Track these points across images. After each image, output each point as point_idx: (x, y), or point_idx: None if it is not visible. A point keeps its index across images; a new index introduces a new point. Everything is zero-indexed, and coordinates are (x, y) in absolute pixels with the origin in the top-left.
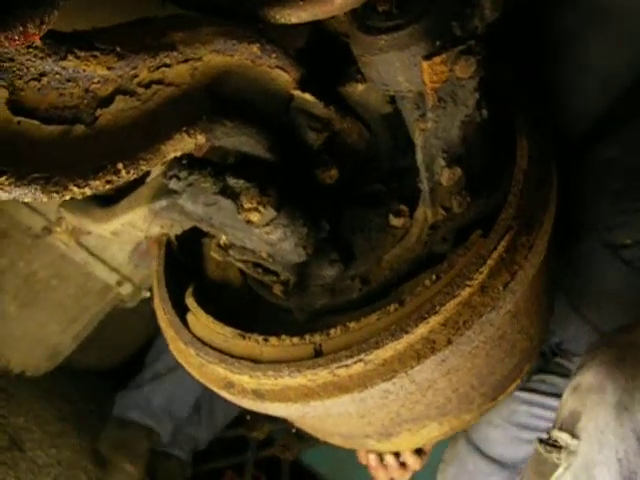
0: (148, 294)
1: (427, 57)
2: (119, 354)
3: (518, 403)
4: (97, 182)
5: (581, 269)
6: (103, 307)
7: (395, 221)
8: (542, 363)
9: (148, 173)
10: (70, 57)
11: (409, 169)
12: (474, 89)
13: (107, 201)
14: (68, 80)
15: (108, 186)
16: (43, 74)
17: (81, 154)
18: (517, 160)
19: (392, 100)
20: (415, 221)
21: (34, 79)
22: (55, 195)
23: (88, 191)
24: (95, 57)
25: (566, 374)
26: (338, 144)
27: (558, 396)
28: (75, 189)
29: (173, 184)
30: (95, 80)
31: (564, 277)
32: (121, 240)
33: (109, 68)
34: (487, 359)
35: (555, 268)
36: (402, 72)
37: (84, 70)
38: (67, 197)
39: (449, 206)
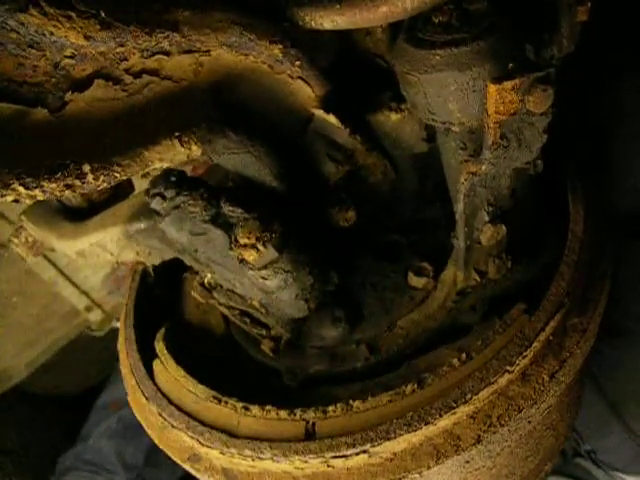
0: (119, 324)
1: (496, 80)
2: (80, 384)
3: None
4: (53, 185)
5: (625, 367)
6: (67, 333)
7: (415, 281)
8: (560, 463)
9: (132, 188)
10: (33, 10)
11: (433, 221)
12: (544, 130)
13: (78, 216)
14: (30, 45)
15: (67, 192)
16: None
17: (37, 146)
18: (571, 226)
19: (428, 138)
20: (441, 283)
21: None
22: None
23: (39, 195)
24: (69, 18)
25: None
26: (358, 182)
27: None
28: (21, 189)
29: (156, 204)
30: (68, 52)
31: (600, 374)
32: (89, 263)
33: (87, 38)
34: (510, 458)
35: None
36: (456, 98)
37: (52, 34)
38: (9, 199)
39: (484, 270)
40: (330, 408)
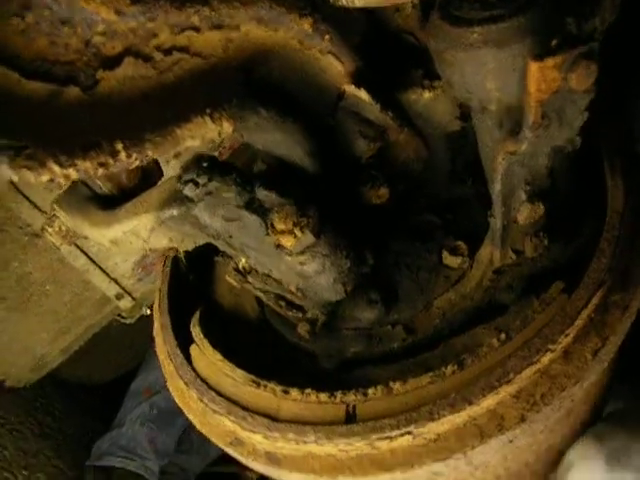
0: (149, 312)
1: (538, 58)
2: (113, 370)
3: None
4: (87, 163)
5: None
6: (99, 320)
7: (450, 260)
8: None
9: (161, 174)
10: None
11: (466, 200)
12: (585, 107)
13: (110, 203)
14: (63, 22)
15: (102, 170)
16: (27, 6)
17: (70, 124)
18: (610, 202)
19: (462, 116)
20: (477, 262)
21: (16, 14)
22: (27, 173)
23: (73, 174)
24: None
25: None
26: (390, 159)
27: None
28: (56, 168)
29: (188, 190)
30: (99, 29)
31: None
32: (122, 251)
33: (118, 13)
34: (550, 434)
35: None
36: (495, 76)
37: (83, 9)
38: (44, 178)
39: (521, 249)
40: (370, 390)
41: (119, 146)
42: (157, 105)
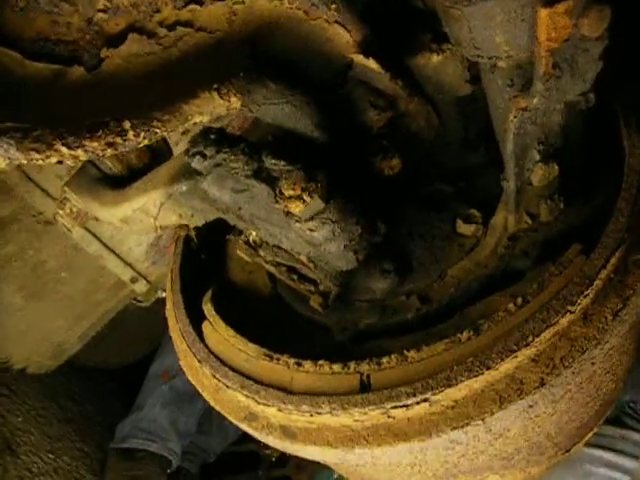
0: (164, 294)
1: (548, 4)
2: (131, 354)
3: (596, 464)
4: (95, 144)
5: None
6: (115, 305)
7: (464, 228)
8: (617, 413)
9: (170, 154)
10: None
11: (479, 168)
12: (599, 56)
13: (119, 183)
14: (63, 0)
15: (110, 151)
16: None
17: (76, 105)
18: (627, 160)
19: (472, 79)
20: (491, 229)
21: None
22: (35, 155)
23: (82, 154)
24: None
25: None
26: (401, 129)
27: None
28: (64, 150)
29: (197, 163)
30: (100, 6)
31: None
32: (133, 230)
33: None
34: (571, 403)
35: None
36: (503, 29)
37: None
38: (53, 160)
39: (536, 213)
40: (384, 359)
41: (127, 125)
42: (163, 82)
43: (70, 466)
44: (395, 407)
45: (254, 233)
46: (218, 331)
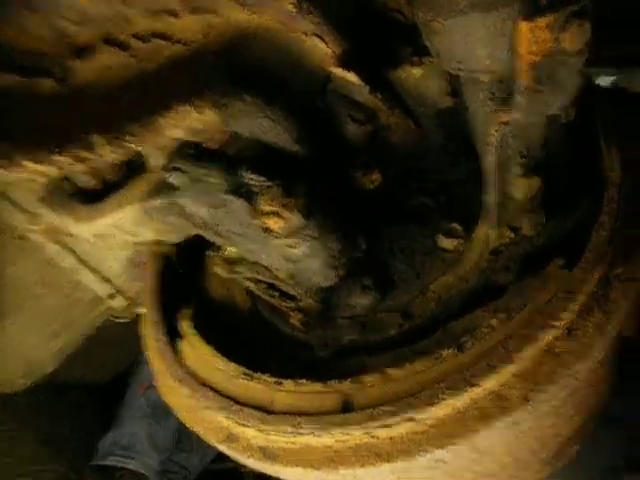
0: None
1: (528, 18)
2: (110, 370)
3: None
4: (63, 159)
5: None
6: (92, 321)
7: (445, 243)
8: None
9: (146, 166)
10: None
11: (461, 181)
12: (579, 71)
13: (94, 198)
14: (32, 11)
15: (81, 166)
16: None
17: (45, 118)
18: (607, 173)
19: (453, 92)
20: (473, 243)
21: None
22: (1, 171)
23: (51, 170)
24: None
25: None
26: (381, 143)
27: None
28: (30, 165)
29: (174, 178)
30: (72, 17)
31: None
32: (108, 245)
33: None
34: (555, 418)
35: None
36: (484, 43)
37: None
38: (19, 175)
39: (518, 226)
40: (366, 378)
41: (97, 139)
42: (138, 95)
43: None
44: (378, 427)
45: (232, 249)
46: (196, 349)
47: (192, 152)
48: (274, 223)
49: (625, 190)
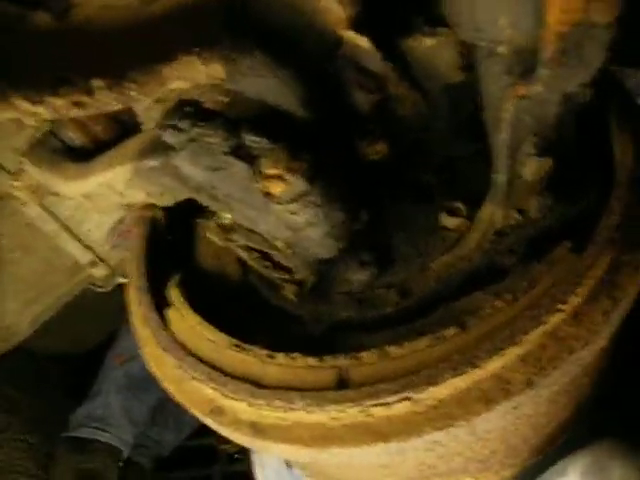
0: (125, 280)
1: None
2: (87, 341)
3: None
4: (59, 101)
5: None
6: (71, 289)
7: (448, 221)
8: None
9: (140, 126)
10: None
11: (467, 159)
12: (606, 45)
13: (83, 157)
14: None
15: (75, 111)
16: None
17: (39, 55)
18: (618, 157)
19: (465, 66)
20: (477, 223)
21: None
22: None
23: (45, 112)
24: None
25: None
26: (388, 113)
27: None
28: (24, 105)
29: (169, 136)
30: None
31: None
32: (97, 207)
33: None
34: (550, 406)
35: None
36: (509, 9)
37: None
38: (9, 115)
39: (525, 208)
40: (364, 354)
41: (98, 83)
42: (141, 40)
43: (13, 459)
44: (374, 405)
45: (228, 215)
46: (185, 318)
47: (190, 110)
48: (276, 187)
49: (637, 175)
